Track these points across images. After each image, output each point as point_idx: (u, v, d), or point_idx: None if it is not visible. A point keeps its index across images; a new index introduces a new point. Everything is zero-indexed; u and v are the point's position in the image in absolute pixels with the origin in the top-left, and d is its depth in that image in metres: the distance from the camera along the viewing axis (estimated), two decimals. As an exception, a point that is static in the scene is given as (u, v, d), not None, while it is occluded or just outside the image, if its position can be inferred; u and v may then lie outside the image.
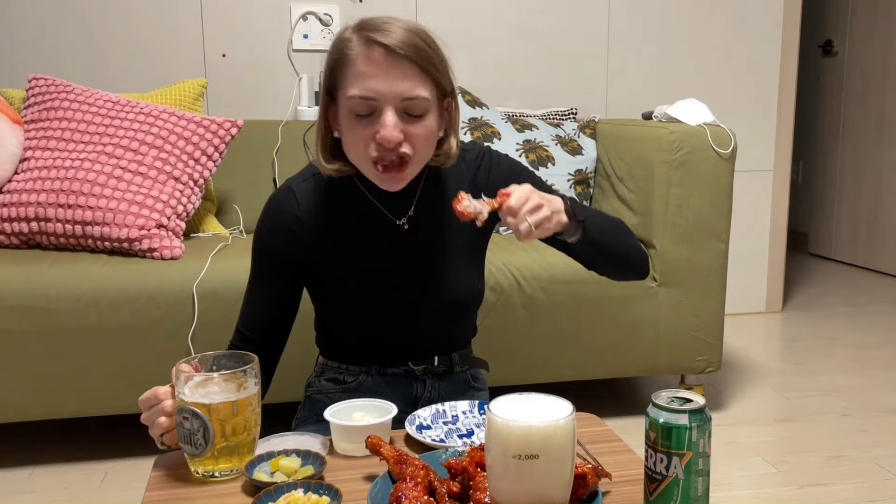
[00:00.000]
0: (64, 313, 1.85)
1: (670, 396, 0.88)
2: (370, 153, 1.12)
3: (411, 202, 1.25)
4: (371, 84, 1.09)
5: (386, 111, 1.09)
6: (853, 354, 2.84)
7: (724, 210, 2.15)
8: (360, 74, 1.10)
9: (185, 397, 0.99)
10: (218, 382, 1.01)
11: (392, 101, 1.09)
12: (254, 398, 1.03)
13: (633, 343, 2.16)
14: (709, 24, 3.11)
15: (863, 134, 4.08)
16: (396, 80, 1.09)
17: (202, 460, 1.01)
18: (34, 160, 2.08)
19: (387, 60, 1.08)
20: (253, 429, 1.04)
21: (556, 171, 2.43)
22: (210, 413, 0.98)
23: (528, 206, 1.05)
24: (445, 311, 1.28)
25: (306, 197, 1.24)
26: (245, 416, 1.01)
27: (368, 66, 1.09)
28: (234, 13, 2.76)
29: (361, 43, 1.10)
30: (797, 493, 1.84)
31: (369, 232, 1.25)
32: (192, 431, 0.99)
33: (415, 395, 1.33)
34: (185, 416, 0.99)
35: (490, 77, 2.94)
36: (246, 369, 1.02)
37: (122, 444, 2.10)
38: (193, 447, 1.00)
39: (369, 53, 1.09)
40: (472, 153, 1.30)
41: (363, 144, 1.12)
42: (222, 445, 1.00)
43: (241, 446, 1.02)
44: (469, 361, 1.40)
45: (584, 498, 0.91)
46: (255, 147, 2.48)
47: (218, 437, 0.99)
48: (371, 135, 1.11)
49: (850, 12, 4.10)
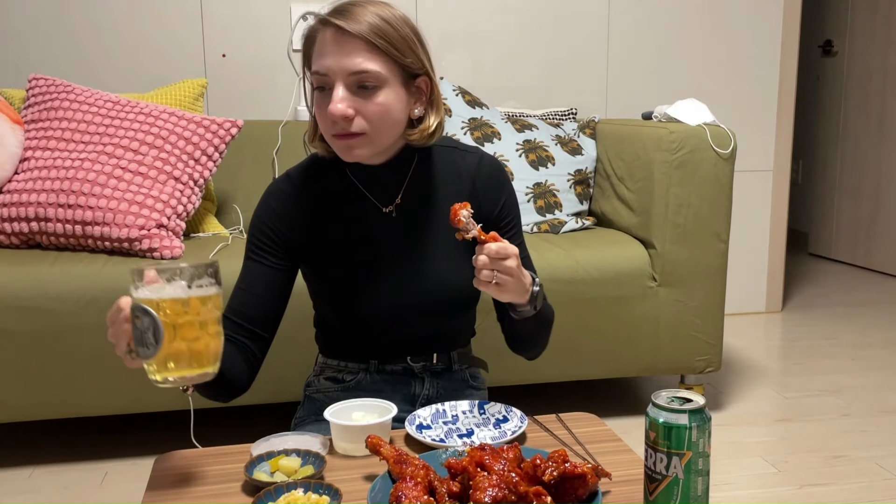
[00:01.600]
0: (64, 313, 1.85)
1: (670, 396, 0.88)
2: (328, 128, 1.17)
3: (399, 190, 1.27)
4: (323, 61, 1.14)
5: (336, 87, 1.14)
6: (853, 354, 2.84)
7: (724, 210, 2.15)
8: (317, 53, 1.16)
9: (136, 294, 0.94)
10: (173, 280, 0.95)
11: (342, 77, 1.14)
12: (210, 299, 0.96)
13: (633, 343, 2.16)
14: (709, 25, 3.11)
15: (863, 134, 4.08)
16: (343, 55, 1.13)
17: (156, 363, 0.94)
18: (34, 160, 2.09)
19: (336, 38, 1.13)
20: (212, 331, 0.97)
21: (556, 171, 2.43)
22: (159, 308, 0.92)
23: (503, 266, 1.08)
24: (434, 301, 1.27)
25: (301, 182, 1.27)
26: (200, 314, 0.95)
27: (322, 45, 1.15)
28: (234, 13, 2.76)
29: (319, 24, 1.16)
30: (797, 493, 1.84)
31: (356, 218, 1.27)
32: (143, 330, 0.93)
33: (413, 394, 1.34)
34: (136, 315, 0.93)
35: (490, 77, 2.95)
36: (203, 266, 0.95)
37: (122, 444, 2.10)
38: (145, 348, 0.94)
39: (324, 34, 1.15)
40: (473, 157, 1.31)
41: (324, 120, 1.17)
42: (176, 347, 0.94)
43: (197, 352, 0.95)
44: (468, 361, 1.40)
45: (584, 498, 0.91)
46: (255, 147, 2.48)
47: (169, 336, 0.93)
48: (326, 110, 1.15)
49: (850, 12, 4.10)
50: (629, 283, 2.13)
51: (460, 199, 1.27)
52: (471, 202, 1.24)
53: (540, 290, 1.19)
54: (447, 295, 1.28)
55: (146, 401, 1.93)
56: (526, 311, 1.19)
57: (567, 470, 0.89)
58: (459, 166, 1.29)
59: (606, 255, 2.13)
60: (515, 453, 0.95)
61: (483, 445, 0.93)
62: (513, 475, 0.88)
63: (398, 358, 1.32)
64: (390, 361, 1.32)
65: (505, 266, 1.08)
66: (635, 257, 2.15)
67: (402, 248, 1.27)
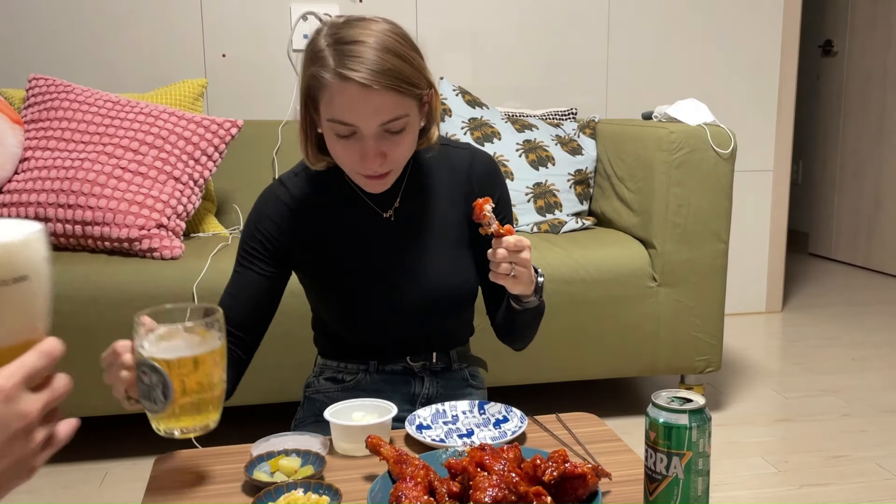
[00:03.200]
0: (64, 313, 1.84)
1: (670, 396, 0.88)
2: (355, 168, 1.15)
3: (397, 194, 1.27)
4: (348, 116, 1.09)
5: (366, 139, 1.11)
6: (853, 354, 2.84)
7: (724, 210, 2.15)
8: (337, 105, 1.09)
9: (144, 351, 0.93)
10: (179, 335, 0.94)
11: (371, 129, 1.10)
12: (217, 353, 0.96)
13: (633, 343, 2.16)
14: (709, 25, 3.11)
15: (863, 134, 4.08)
16: (373, 112, 1.09)
17: (162, 417, 0.95)
18: (34, 160, 2.08)
19: (361, 95, 1.07)
20: (217, 385, 0.97)
21: (556, 171, 2.43)
22: (169, 367, 0.92)
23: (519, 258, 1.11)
24: (433, 301, 1.28)
25: (296, 188, 1.26)
26: (208, 371, 0.95)
27: (344, 99, 1.09)
28: (234, 13, 2.76)
29: (334, 74, 1.08)
30: (797, 493, 1.84)
31: (355, 223, 1.27)
32: (151, 387, 0.93)
33: (413, 393, 1.34)
34: (143, 370, 0.93)
35: (490, 77, 2.94)
36: (209, 321, 0.96)
37: (122, 444, 2.10)
38: (153, 403, 0.94)
39: (343, 88, 1.08)
40: (465, 153, 1.31)
41: (347, 159, 1.15)
42: (184, 402, 0.94)
43: (204, 403, 0.96)
44: (467, 360, 1.40)
45: (584, 498, 0.91)
46: (255, 147, 2.48)
47: (178, 392, 0.93)
48: (354, 154, 1.13)
49: (850, 12, 4.10)
50: (629, 283, 2.13)
51: (455, 197, 1.28)
52: (466, 199, 1.26)
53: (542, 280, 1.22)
54: (446, 294, 1.28)
55: (146, 401, 1.93)
56: (531, 301, 1.21)
57: (567, 470, 0.89)
58: (453, 163, 1.30)
59: (606, 255, 2.13)
60: (515, 453, 0.95)
61: (483, 445, 0.93)
62: (513, 475, 0.88)
63: (398, 358, 1.32)
64: (390, 361, 1.32)
65: (521, 258, 1.11)
66: (635, 257, 2.15)
67: (401, 250, 1.27)
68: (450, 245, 1.28)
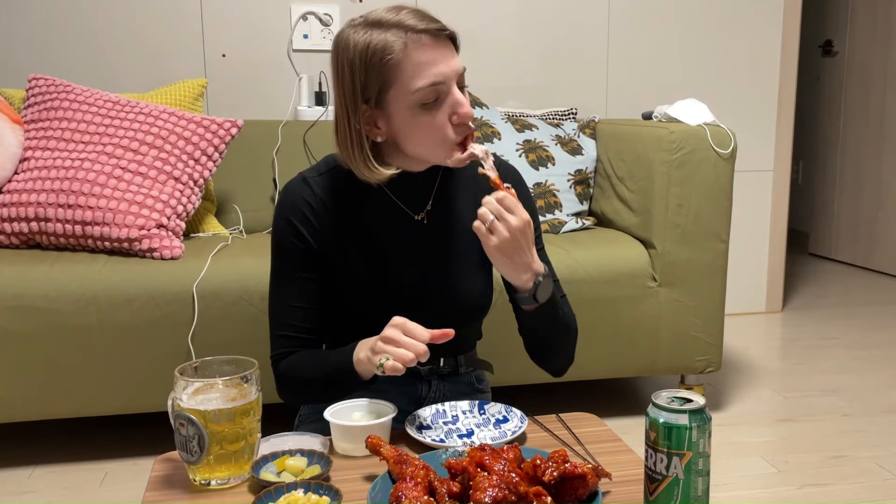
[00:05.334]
0: (64, 313, 1.84)
1: (670, 396, 0.88)
2: (450, 137, 1.14)
3: (428, 197, 1.26)
4: (435, 70, 1.11)
5: (454, 91, 1.13)
6: (853, 354, 2.84)
7: (724, 210, 2.15)
8: (422, 65, 1.10)
9: (182, 403, 0.97)
10: (216, 389, 0.99)
11: (456, 79, 1.13)
12: (253, 405, 1.00)
13: (633, 343, 2.16)
14: (709, 24, 3.11)
15: (863, 134, 4.08)
16: (451, 58, 1.13)
17: (198, 468, 0.99)
18: (34, 160, 2.08)
19: (436, 43, 1.12)
20: (252, 437, 1.01)
21: (556, 171, 2.43)
22: (206, 420, 0.96)
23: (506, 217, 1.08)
24: (457, 309, 1.27)
25: (322, 189, 1.23)
26: (243, 423, 0.99)
27: (426, 55, 1.11)
28: (234, 13, 2.76)
29: (404, 36, 1.10)
30: (797, 493, 1.84)
31: (388, 226, 1.24)
32: (188, 438, 0.97)
33: (419, 395, 1.33)
34: (181, 422, 0.97)
35: (490, 77, 2.94)
36: (246, 375, 1.00)
37: (122, 444, 2.10)
38: (189, 454, 0.98)
39: (419, 43, 1.11)
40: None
41: (440, 132, 1.13)
42: (218, 453, 0.98)
43: (239, 454, 1.00)
44: (474, 363, 1.40)
45: (584, 498, 0.91)
46: (255, 147, 2.48)
47: (213, 445, 0.97)
48: (444, 119, 1.13)
49: (850, 12, 4.10)
50: (629, 283, 2.13)
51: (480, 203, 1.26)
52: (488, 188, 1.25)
53: (545, 282, 1.16)
54: (469, 300, 1.28)
55: (146, 401, 1.93)
56: (525, 297, 1.17)
57: (567, 470, 0.89)
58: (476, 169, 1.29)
59: (606, 255, 2.13)
60: (515, 453, 0.95)
61: (483, 446, 0.93)
62: (513, 475, 0.88)
63: None
64: None
65: (507, 218, 1.08)
66: (635, 257, 2.15)
67: (431, 255, 1.26)
68: (475, 250, 1.27)
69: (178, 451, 1.00)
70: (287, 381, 1.26)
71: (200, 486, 1.00)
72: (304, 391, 1.26)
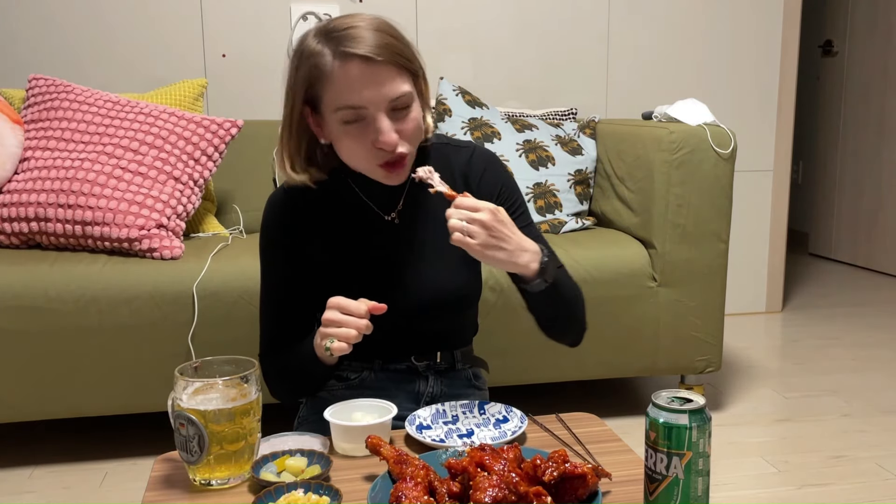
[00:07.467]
0: (64, 313, 1.84)
1: (670, 396, 0.88)
2: (373, 158, 1.16)
3: (399, 197, 1.28)
4: (356, 97, 1.11)
5: (378, 118, 1.13)
6: (853, 354, 2.84)
7: (724, 210, 2.15)
8: (344, 88, 1.12)
9: (182, 403, 0.98)
10: (216, 389, 0.99)
11: (381, 107, 1.12)
12: (253, 405, 1.01)
13: (633, 343, 2.16)
14: (709, 25, 3.11)
15: (863, 134, 4.08)
16: (380, 86, 1.11)
17: (198, 468, 0.99)
18: (34, 160, 2.08)
19: (366, 70, 1.10)
20: (252, 437, 1.02)
21: (556, 171, 2.43)
22: (206, 420, 0.97)
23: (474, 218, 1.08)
24: (437, 303, 1.28)
25: (300, 194, 1.27)
26: (243, 423, 0.99)
27: (349, 80, 1.11)
28: (234, 13, 2.76)
29: (335, 56, 1.11)
30: (797, 493, 1.84)
31: (359, 227, 1.28)
32: (188, 438, 0.97)
33: (418, 392, 1.34)
34: (181, 422, 0.97)
35: (490, 77, 2.94)
36: (246, 375, 1.00)
37: (122, 444, 2.10)
38: (189, 454, 0.98)
39: (347, 68, 1.11)
40: (466, 151, 1.32)
41: (363, 151, 1.16)
42: (218, 453, 0.98)
43: (239, 454, 1.00)
44: (470, 360, 1.40)
45: (584, 498, 0.91)
46: (255, 147, 2.48)
47: (213, 444, 0.97)
48: (368, 141, 1.14)
49: (850, 12, 4.10)
50: (629, 283, 2.13)
51: None
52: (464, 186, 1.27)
53: (550, 261, 1.17)
54: (449, 294, 1.29)
55: (146, 401, 1.93)
56: (536, 284, 1.17)
57: (567, 470, 0.89)
58: (451, 162, 1.30)
59: (606, 255, 2.13)
60: (515, 453, 0.95)
61: (483, 445, 0.93)
62: (513, 475, 0.88)
63: (402, 357, 1.33)
64: (394, 360, 1.33)
65: (475, 216, 1.08)
66: (635, 257, 2.15)
67: (404, 252, 1.28)
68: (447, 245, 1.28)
69: (178, 452, 1.00)
70: (270, 377, 1.31)
71: (200, 486, 1.00)
72: (287, 384, 1.32)
